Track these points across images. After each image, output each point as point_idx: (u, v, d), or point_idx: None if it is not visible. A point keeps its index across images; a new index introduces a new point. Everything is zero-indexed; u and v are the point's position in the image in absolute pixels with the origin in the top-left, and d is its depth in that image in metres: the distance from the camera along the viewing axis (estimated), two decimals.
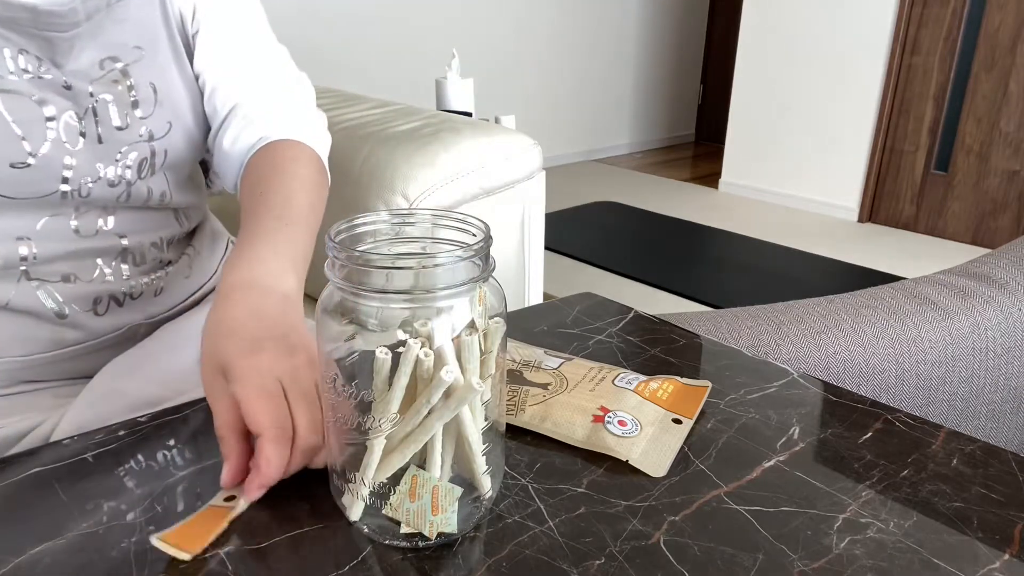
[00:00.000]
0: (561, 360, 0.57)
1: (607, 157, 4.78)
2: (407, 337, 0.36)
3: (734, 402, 0.54)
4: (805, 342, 0.70)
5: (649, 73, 4.86)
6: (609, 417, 0.50)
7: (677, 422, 0.51)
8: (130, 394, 0.61)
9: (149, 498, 0.43)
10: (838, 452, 0.48)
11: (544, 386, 0.53)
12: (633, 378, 0.54)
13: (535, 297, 1.22)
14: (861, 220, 3.49)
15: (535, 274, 1.20)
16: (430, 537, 0.39)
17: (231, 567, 0.38)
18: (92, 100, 0.60)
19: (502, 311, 0.38)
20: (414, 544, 0.39)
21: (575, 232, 3.26)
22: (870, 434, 0.50)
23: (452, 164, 1.02)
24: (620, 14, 4.54)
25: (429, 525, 0.38)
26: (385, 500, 0.39)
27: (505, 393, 0.52)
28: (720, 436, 0.50)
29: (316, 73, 1.03)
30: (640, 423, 0.50)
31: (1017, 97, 3.01)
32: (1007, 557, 0.39)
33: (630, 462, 0.47)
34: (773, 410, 0.53)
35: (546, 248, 2.91)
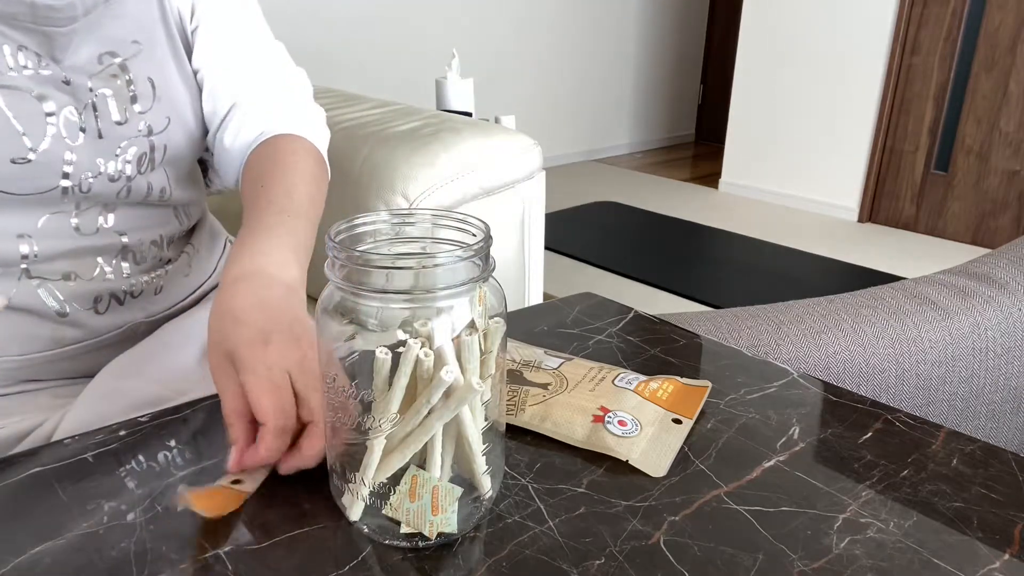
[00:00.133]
0: (561, 360, 0.57)
1: (607, 157, 4.78)
2: (407, 337, 0.36)
3: (734, 402, 0.54)
4: (805, 342, 0.70)
5: (649, 73, 4.86)
6: (609, 417, 0.50)
7: (677, 422, 0.51)
8: (131, 394, 0.61)
9: (149, 498, 0.43)
10: (838, 452, 0.48)
11: (544, 386, 0.53)
12: (633, 378, 0.54)
13: (535, 297, 1.22)
14: (861, 220, 3.49)
15: (535, 274, 1.20)
16: (430, 537, 0.39)
17: (231, 567, 0.38)
18: (91, 95, 0.61)
19: (502, 311, 0.38)
20: (414, 544, 0.39)
21: (575, 232, 3.26)
22: (870, 434, 0.50)
23: (452, 164, 1.02)
24: (620, 14, 4.53)
25: (429, 525, 0.38)
26: (385, 500, 0.39)
27: (505, 393, 0.52)
28: (720, 436, 0.50)
29: (316, 73, 1.03)
30: (640, 423, 0.50)
31: (1017, 97, 3.01)
32: (1007, 557, 0.39)
33: (630, 462, 0.47)
34: (773, 410, 0.53)
35: (546, 248, 2.91)
